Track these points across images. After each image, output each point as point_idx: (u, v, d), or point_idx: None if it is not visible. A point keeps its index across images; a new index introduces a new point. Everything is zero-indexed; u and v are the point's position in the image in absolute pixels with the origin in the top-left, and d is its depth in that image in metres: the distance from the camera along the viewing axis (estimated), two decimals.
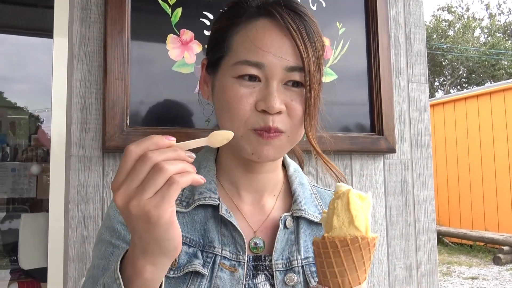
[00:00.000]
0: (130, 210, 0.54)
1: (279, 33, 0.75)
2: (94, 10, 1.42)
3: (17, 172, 3.47)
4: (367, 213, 0.64)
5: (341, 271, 0.63)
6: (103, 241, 0.80)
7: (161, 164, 0.53)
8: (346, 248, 0.62)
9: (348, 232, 0.63)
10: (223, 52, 0.79)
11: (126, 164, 0.55)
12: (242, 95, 0.74)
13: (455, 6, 23.78)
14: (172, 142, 0.56)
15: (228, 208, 0.80)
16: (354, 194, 0.64)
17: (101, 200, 1.37)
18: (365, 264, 0.64)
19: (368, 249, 0.63)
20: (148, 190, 0.53)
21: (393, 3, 1.84)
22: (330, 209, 0.65)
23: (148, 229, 0.55)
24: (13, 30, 3.80)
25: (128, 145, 0.55)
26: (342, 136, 1.63)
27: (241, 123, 0.75)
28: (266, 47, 0.74)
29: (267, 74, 0.75)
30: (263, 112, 0.74)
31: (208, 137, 0.61)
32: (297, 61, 0.75)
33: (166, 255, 0.58)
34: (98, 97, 1.39)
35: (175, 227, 0.56)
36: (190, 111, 1.46)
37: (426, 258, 1.79)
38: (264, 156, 0.76)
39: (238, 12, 0.79)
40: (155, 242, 0.56)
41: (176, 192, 0.54)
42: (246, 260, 0.78)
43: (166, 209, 0.54)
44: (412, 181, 1.81)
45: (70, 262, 1.32)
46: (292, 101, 0.76)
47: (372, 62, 1.72)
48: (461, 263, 7.20)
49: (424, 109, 1.86)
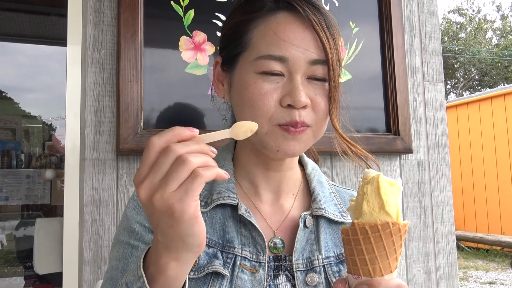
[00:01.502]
0: (154, 204, 0.53)
1: (301, 25, 0.74)
2: (107, 14, 1.42)
3: (31, 179, 3.50)
4: (397, 199, 0.62)
5: (372, 258, 0.61)
6: (121, 242, 0.78)
7: (185, 156, 0.52)
8: (376, 234, 0.60)
9: (378, 217, 0.61)
10: (241, 47, 0.77)
11: (149, 156, 0.53)
12: (266, 91, 0.73)
13: (466, 8, 23.60)
14: (195, 134, 0.55)
15: (247, 208, 0.79)
16: (383, 179, 0.62)
17: (115, 203, 1.36)
18: (396, 251, 0.61)
19: (399, 236, 0.61)
20: (171, 183, 0.52)
21: (407, 2, 1.82)
22: (360, 195, 0.63)
23: (172, 224, 0.54)
24: (27, 39, 3.85)
25: (150, 137, 0.54)
26: (357, 136, 1.60)
27: (265, 120, 0.73)
28: (289, 39, 0.73)
29: (290, 68, 0.73)
30: (288, 107, 0.73)
31: (231, 128, 0.59)
32: (320, 54, 0.74)
33: (190, 251, 0.57)
34: (111, 99, 1.39)
35: (199, 222, 0.55)
36: (203, 113, 1.45)
37: (445, 261, 1.75)
38: (291, 152, 0.75)
39: (256, 6, 0.78)
40: (179, 237, 0.55)
41: (201, 185, 0.52)
42: (266, 261, 0.76)
43: (190, 203, 0.52)
44: (430, 182, 1.77)
45: (85, 266, 1.32)
46: (316, 95, 0.75)
47: (387, 61, 1.70)
48: (478, 268, 7.08)
49: (440, 108, 1.83)
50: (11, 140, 3.89)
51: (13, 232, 3.67)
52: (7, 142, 3.80)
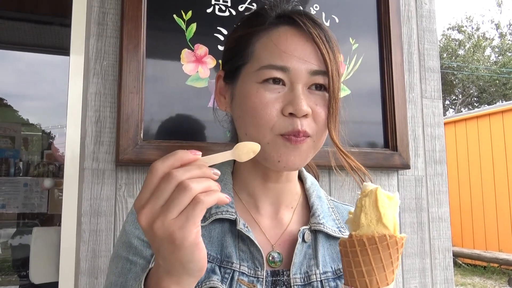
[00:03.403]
0: (155, 231, 0.53)
1: (302, 38, 0.76)
2: (110, 26, 1.44)
3: (29, 187, 3.49)
4: (394, 212, 0.63)
5: (369, 270, 0.61)
6: (120, 257, 0.79)
7: (186, 183, 0.52)
8: (374, 246, 0.61)
9: (376, 230, 0.62)
10: (244, 60, 0.79)
11: (151, 182, 0.54)
12: (268, 101, 0.74)
13: (465, 26, 23.82)
14: (198, 157, 0.55)
15: (245, 223, 0.79)
16: (382, 192, 0.63)
17: (113, 214, 1.36)
18: (393, 264, 0.62)
19: (396, 249, 0.62)
20: (172, 210, 0.52)
21: (406, 20, 1.85)
22: (358, 207, 0.64)
23: (173, 251, 0.54)
24: (28, 48, 3.87)
25: (153, 162, 0.54)
26: (355, 151, 1.61)
27: (267, 129, 0.74)
28: (290, 51, 0.75)
29: (292, 78, 0.75)
30: (290, 116, 0.73)
31: (233, 149, 0.60)
32: (320, 65, 0.76)
33: (191, 276, 0.57)
34: (112, 110, 1.40)
35: (200, 248, 0.55)
36: (203, 125, 1.46)
37: (442, 278, 1.75)
38: (291, 163, 0.75)
39: (259, 21, 0.80)
40: (179, 263, 0.55)
41: (202, 212, 0.53)
42: (264, 276, 0.76)
43: (191, 231, 0.53)
44: (427, 197, 1.78)
45: (81, 276, 1.31)
46: (316, 105, 0.76)
47: (386, 77, 1.72)
48: (475, 285, 7.04)
49: (438, 125, 1.84)
50: (9, 148, 3.89)
51: (8, 240, 3.64)
52: (5, 150, 3.79)
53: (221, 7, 1.53)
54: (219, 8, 1.53)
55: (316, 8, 1.67)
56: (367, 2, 1.76)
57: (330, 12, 1.68)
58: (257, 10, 0.84)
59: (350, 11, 1.72)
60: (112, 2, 1.44)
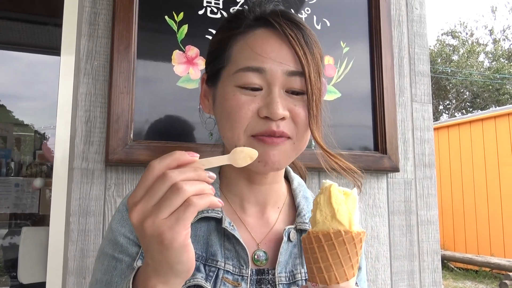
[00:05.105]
0: (145, 229, 0.53)
1: (278, 40, 0.77)
2: (102, 26, 1.44)
3: (20, 188, 3.47)
4: (352, 209, 0.64)
5: (327, 266, 0.62)
6: (105, 254, 0.79)
7: (180, 184, 0.53)
8: (330, 242, 0.62)
9: (331, 226, 0.63)
10: (222, 63, 0.80)
11: (146, 180, 0.54)
12: (244, 102, 0.74)
13: (459, 31, 23.99)
14: (195, 159, 0.56)
15: (231, 221, 0.79)
16: (336, 189, 0.64)
17: (102, 214, 1.36)
18: (351, 259, 0.63)
19: (354, 244, 0.62)
20: (164, 210, 0.53)
21: (397, 24, 1.87)
22: (314, 205, 0.65)
23: (161, 250, 0.54)
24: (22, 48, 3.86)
25: (152, 161, 0.55)
26: (345, 154, 1.62)
27: (241, 130, 0.74)
28: (265, 53, 0.75)
29: (268, 79, 0.75)
30: (265, 119, 0.74)
31: (230, 154, 0.60)
32: (297, 66, 0.76)
33: (178, 276, 0.58)
34: (102, 110, 1.40)
35: (188, 250, 0.56)
36: (193, 126, 1.46)
37: (430, 280, 1.76)
38: (271, 162, 0.75)
39: (237, 24, 0.81)
40: (167, 263, 0.56)
41: (192, 214, 0.53)
42: (249, 274, 0.77)
43: (180, 232, 0.53)
44: (416, 200, 1.79)
45: (69, 276, 1.31)
46: (295, 106, 0.76)
47: (376, 81, 1.73)
48: None
49: (427, 128, 1.86)
50: (1, 148, 3.87)
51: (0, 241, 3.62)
52: None
53: (212, 9, 1.54)
54: (210, 10, 1.53)
55: (308, 11, 1.68)
56: (358, 6, 1.78)
57: (322, 15, 1.69)
58: (235, 13, 0.84)
59: (342, 15, 1.74)
60: (103, 3, 1.45)
